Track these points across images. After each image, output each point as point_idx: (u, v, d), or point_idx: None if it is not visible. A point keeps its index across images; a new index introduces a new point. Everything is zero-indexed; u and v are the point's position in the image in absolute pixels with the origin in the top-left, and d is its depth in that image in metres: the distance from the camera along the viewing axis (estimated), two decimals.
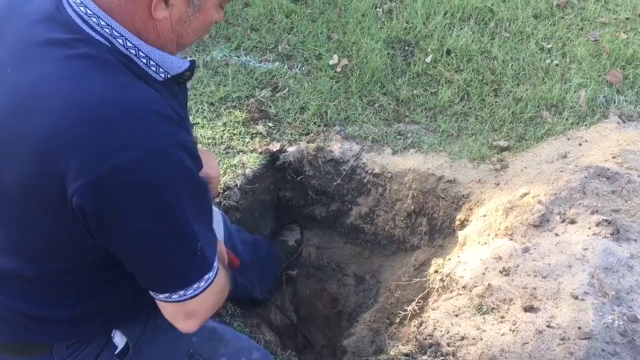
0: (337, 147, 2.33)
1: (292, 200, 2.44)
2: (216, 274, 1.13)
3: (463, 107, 2.51)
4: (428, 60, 2.71)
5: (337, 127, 2.41)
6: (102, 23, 1.01)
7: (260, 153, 2.29)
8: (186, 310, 1.13)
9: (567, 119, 2.40)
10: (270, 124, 2.41)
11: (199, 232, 1.06)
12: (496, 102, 2.52)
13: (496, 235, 1.93)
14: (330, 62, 2.70)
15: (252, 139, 2.35)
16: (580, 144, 2.23)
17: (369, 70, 2.62)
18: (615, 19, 2.96)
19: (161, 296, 1.10)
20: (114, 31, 1.01)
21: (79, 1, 1.01)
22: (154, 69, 1.07)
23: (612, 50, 2.71)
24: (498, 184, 2.13)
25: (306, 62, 2.72)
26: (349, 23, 2.89)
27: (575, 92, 2.52)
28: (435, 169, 2.24)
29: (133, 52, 1.04)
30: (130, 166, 0.94)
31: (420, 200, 2.23)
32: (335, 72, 2.66)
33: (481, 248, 1.90)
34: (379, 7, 3.00)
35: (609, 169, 2.01)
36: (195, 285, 1.09)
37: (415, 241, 2.29)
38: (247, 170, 2.23)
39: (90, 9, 1.00)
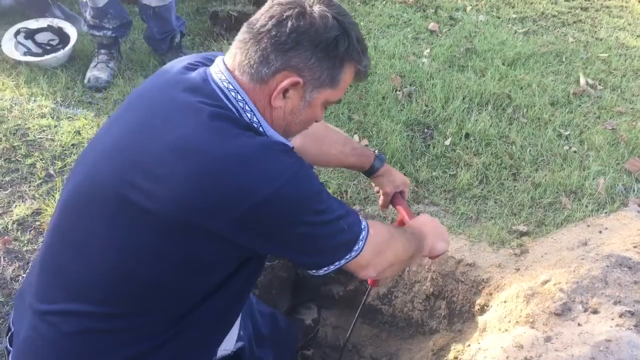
0: None
1: (310, 278, 2.44)
2: (368, 231, 1.33)
3: (482, 190, 2.54)
4: (447, 143, 2.77)
5: (357, 206, 2.43)
6: (239, 97, 1.24)
7: None
8: (359, 265, 1.33)
9: (586, 206, 2.41)
10: None
11: (337, 212, 1.26)
12: (515, 186, 2.54)
13: (517, 322, 1.90)
14: None
15: None
16: (600, 232, 2.23)
17: (389, 151, 2.67)
18: (631, 108, 3.02)
19: (332, 267, 1.29)
20: (246, 106, 1.25)
21: (224, 78, 1.26)
22: None
23: (630, 139, 2.76)
24: (518, 269, 2.12)
25: None
26: (369, 105, 2.97)
27: (594, 179, 2.54)
28: (455, 251, 2.24)
29: (256, 125, 1.26)
30: (278, 194, 1.15)
31: (439, 283, 2.22)
32: None
33: (502, 335, 1.87)
34: (399, 91, 3.09)
35: (630, 259, 2.00)
36: (355, 247, 1.29)
37: (433, 325, 2.26)
38: None
39: (232, 85, 1.25)
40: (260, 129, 1.26)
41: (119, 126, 1.31)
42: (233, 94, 1.24)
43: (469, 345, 1.96)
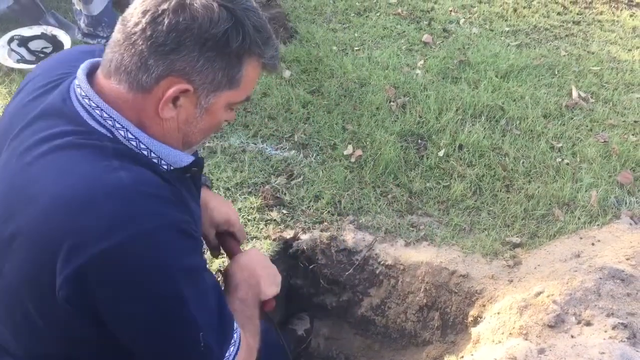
0: (350, 236, 2.34)
1: (303, 288, 2.43)
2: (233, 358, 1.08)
3: (475, 201, 2.54)
4: (441, 154, 2.77)
5: (351, 216, 2.43)
6: (105, 115, 1.03)
7: (274, 240, 2.31)
8: None
9: (579, 218, 2.42)
10: (285, 211, 2.44)
11: (199, 319, 1.01)
12: (508, 198, 2.55)
13: (510, 334, 1.90)
14: (345, 153, 2.76)
15: (266, 225, 2.37)
16: (593, 244, 2.24)
17: (382, 161, 2.68)
18: (623, 121, 3.04)
19: None
20: (116, 123, 1.03)
21: (84, 94, 1.04)
22: (155, 160, 1.08)
23: (622, 152, 2.77)
24: (511, 281, 2.12)
25: (321, 152, 2.78)
26: (363, 115, 2.97)
27: (586, 191, 2.56)
28: (448, 262, 2.24)
29: (134, 143, 1.05)
30: (116, 252, 0.93)
31: (432, 294, 2.22)
32: (350, 162, 2.71)
33: (495, 347, 1.87)
34: (393, 101, 3.10)
35: (623, 271, 2.00)
36: None
37: (426, 336, 2.25)
38: None
39: (94, 102, 1.03)
40: (142, 145, 1.05)
41: None
42: (97, 112, 1.03)
43: (462, 357, 1.96)
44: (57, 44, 3.25)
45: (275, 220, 2.39)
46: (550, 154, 2.80)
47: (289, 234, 2.33)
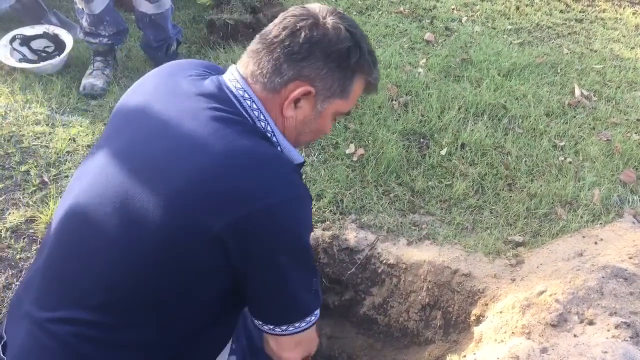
0: (352, 235, 2.34)
1: None
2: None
3: (477, 200, 2.54)
4: (443, 152, 2.77)
5: (353, 215, 2.43)
6: (254, 106, 1.25)
7: None
8: (296, 341, 1.32)
9: (581, 217, 2.41)
10: None
11: (314, 268, 1.28)
12: (510, 196, 2.55)
13: (513, 333, 1.90)
14: (347, 151, 2.75)
15: None
16: (595, 243, 2.23)
17: (384, 160, 2.67)
18: (626, 119, 3.03)
19: (278, 329, 1.28)
20: (260, 114, 1.26)
21: (239, 86, 1.27)
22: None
23: (625, 151, 2.77)
24: (514, 280, 2.12)
25: (323, 151, 2.78)
26: (365, 114, 2.97)
27: (589, 190, 2.55)
28: (451, 261, 2.23)
29: (269, 135, 1.27)
30: (273, 209, 1.14)
31: (435, 293, 2.22)
32: (352, 161, 2.71)
33: (498, 346, 1.87)
34: (395, 100, 3.09)
35: (626, 270, 2.00)
36: (308, 319, 1.28)
37: (429, 335, 2.25)
38: None
39: (248, 94, 1.26)
40: (274, 139, 1.27)
41: (129, 133, 1.28)
42: (248, 102, 1.25)
43: (465, 356, 1.96)
44: (59, 43, 3.25)
45: None
46: (553, 152, 2.80)
47: None
